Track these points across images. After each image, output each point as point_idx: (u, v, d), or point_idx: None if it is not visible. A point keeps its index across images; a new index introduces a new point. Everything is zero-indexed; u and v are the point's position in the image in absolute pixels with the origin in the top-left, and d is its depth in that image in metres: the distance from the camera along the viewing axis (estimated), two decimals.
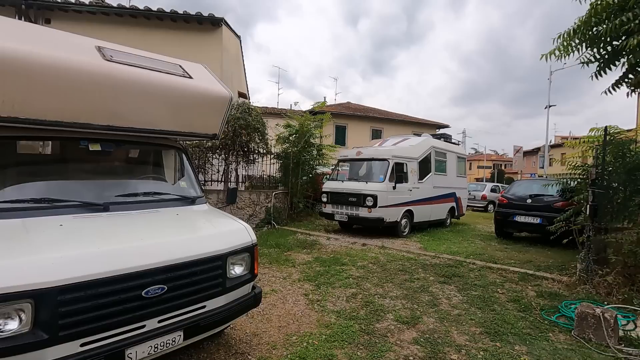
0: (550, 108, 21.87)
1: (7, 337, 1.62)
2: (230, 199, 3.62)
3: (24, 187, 2.39)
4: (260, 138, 8.16)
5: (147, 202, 2.74)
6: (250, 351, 2.89)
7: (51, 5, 9.55)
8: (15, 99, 2.26)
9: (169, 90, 2.88)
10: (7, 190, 2.30)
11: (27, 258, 1.76)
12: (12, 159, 2.53)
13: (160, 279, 2.08)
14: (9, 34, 2.35)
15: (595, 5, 4.01)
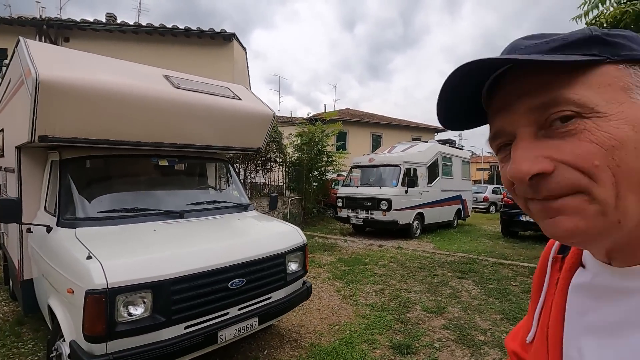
0: None
1: (136, 319, 2.02)
2: (272, 206, 4.03)
3: (117, 198, 2.80)
4: (277, 147, 8.60)
5: (212, 209, 3.14)
6: (301, 339, 3.28)
7: (70, 25, 9.98)
8: (109, 124, 2.68)
9: (225, 111, 3.31)
10: (106, 201, 2.71)
11: (144, 257, 2.17)
12: (105, 175, 2.94)
13: (241, 273, 2.49)
14: (101, 68, 2.79)
15: (591, 24, 4.48)
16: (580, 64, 0.35)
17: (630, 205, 0.34)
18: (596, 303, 0.42)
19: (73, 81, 2.39)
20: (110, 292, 1.88)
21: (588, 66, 0.35)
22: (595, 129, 0.34)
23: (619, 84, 0.35)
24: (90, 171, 2.94)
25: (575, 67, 0.35)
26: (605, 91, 0.35)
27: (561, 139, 0.35)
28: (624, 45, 0.36)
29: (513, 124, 0.39)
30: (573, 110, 0.35)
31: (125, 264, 2.04)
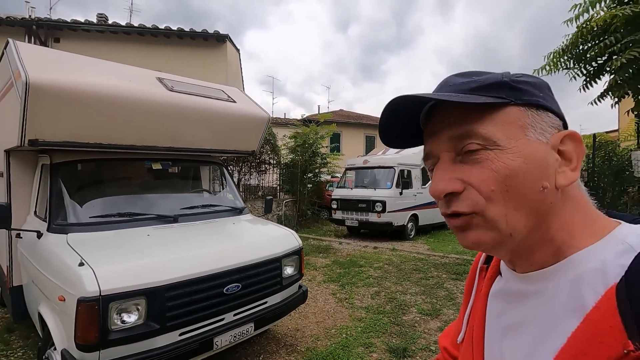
0: None
1: (129, 327, 1.99)
2: (267, 209, 4.00)
3: (109, 203, 2.76)
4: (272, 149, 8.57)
5: (206, 213, 3.11)
6: (297, 343, 3.26)
7: (61, 25, 9.84)
8: (101, 128, 2.64)
9: (219, 114, 3.28)
10: (98, 206, 2.66)
11: (137, 262, 2.13)
12: (97, 179, 2.90)
13: (236, 278, 2.46)
14: (93, 70, 2.74)
15: (582, 28, 4.55)
16: (489, 105, 0.43)
17: (518, 222, 0.42)
18: (508, 306, 0.49)
19: (64, 84, 2.34)
20: (103, 299, 1.84)
21: (496, 106, 0.43)
22: (495, 159, 0.41)
23: (519, 123, 0.42)
24: (82, 175, 2.89)
25: (486, 107, 0.43)
26: (507, 128, 0.42)
27: (471, 165, 0.43)
28: (526, 91, 0.43)
29: (438, 148, 0.46)
30: (480, 143, 0.42)
31: (118, 270, 2.01)
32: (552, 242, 0.43)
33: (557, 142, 0.43)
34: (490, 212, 0.42)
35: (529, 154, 0.41)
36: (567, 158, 0.43)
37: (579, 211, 0.44)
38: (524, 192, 0.41)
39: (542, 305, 0.44)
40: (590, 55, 4.67)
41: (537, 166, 0.41)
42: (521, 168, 0.41)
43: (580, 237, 0.43)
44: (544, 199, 0.42)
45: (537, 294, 0.45)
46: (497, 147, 0.41)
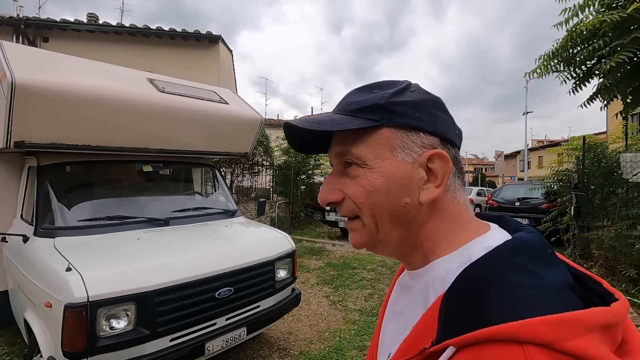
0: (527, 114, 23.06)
1: (118, 333, 1.94)
2: (260, 211, 3.97)
3: (98, 206, 2.71)
4: (265, 151, 8.52)
5: (198, 216, 3.07)
6: (290, 347, 3.23)
7: (49, 24, 9.68)
8: (90, 130, 2.59)
9: (211, 115, 3.24)
10: (87, 209, 2.61)
11: (127, 267, 2.09)
12: (86, 182, 2.84)
13: (228, 282, 2.43)
14: (82, 71, 2.69)
15: (571, 32, 4.61)
16: (368, 126, 0.46)
17: (387, 231, 0.47)
18: (400, 295, 0.56)
19: (51, 85, 2.29)
20: (91, 305, 1.80)
21: (370, 128, 0.46)
22: (363, 177, 0.47)
23: (388, 144, 0.46)
24: (70, 178, 2.83)
25: (362, 129, 0.46)
26: (377, 149, 0.46)
27: (350, 179, 0.48)
28: (400, 113, 0.46)
29: (331, 160, 0.52)
30: (353, 161, 0.47)
31: (107, 275, 1.96)
32: (421, 249, 0.49)
33: (424, 161, 0.46)
34: (364, 219, 0.48)
35: (391, 174, 0.46)
36: (434, 175, 0.46)
37: (447, 222, 0.48)
38: (386, 206, 0.46)
39: (411, 299, 0.51)
40: (580, 58, 4.73)
41: (398, 184, 0.46)
42: (382, 186, 0.46)
43: (443, 246, 0.47)
44: (406, 213, 0.46)
45: (411, 290, 0.52)
46: (366, 166, 0.47)
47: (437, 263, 0.47)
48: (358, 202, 0.47)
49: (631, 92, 4.78)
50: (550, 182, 6.78)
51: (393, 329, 0.54)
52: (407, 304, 0.52)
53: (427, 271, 0.48)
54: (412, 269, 0.51)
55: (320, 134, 0.50)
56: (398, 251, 0.50)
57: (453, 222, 0.48)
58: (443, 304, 0.40)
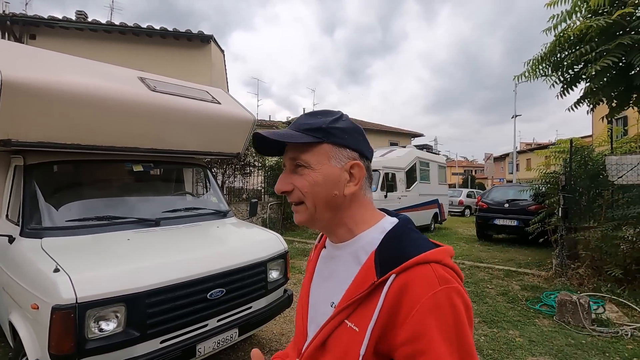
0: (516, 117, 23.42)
1: (107, 335, 1.91)
2: (251, 212, 3.94)
3: (88, 206, 2.66)
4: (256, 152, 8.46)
5: (189, 216, 3.04)
6: (282, 348, 3.21)
7: (37, 21, 9.50)
8: (79, 128, 2.55)
9: (203, 115, 3.22)
10: (75, 209, 2.56)
11: (117, 268, 2.05)
12: (74, 181, 2.78)
13: (220, 283, 2.40)
14: (71, 68, 2.65)
15: (559, 37, 4.71)
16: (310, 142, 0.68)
17: (322, 213, 0.69)
18: (325, 264, 0.77)
19: (40, 82, 2.25)
20: (79, 307, 1.76)
21: (315, 142, 0.68)
22: (308, 174, 0.68)
23: (326, 154, 0.68)
24: (58, 177, 2.77)
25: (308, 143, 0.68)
26: (318, 157, 0.68)
27: (298, 175, 0.69)
28: (335, 135, 0.68)
29: (285, 162, 0.73)
30: (302, 164, 0.68)
31: (96, 277, 1.92)
32: (345, 226, 0.71)
33: (348, 168, 0.69)
34: (307, 204, 0.69)
35: (327, 174, 0.68)
36: (354, 177, 0.69)
37: (362, 209, 0.72)
38: (322, 195, 0.68)
39: (338, 264, 0.72)
40: (567, 63, 4.83)
41: (331, 181, 0.68)
42: (320, 181, 0.68)
43: (362, 224, 0.71)
44: (334, 200, 0.69)
45: (336, 258, 0.74)
46: (311, 168, 0.68)
47: (363, 234, 0.70)
48: (304, 191, 0.69)
49: (616, 97, 4.90)
50: (539, 184, 6.90)
51: (326, 288, 0.74)
52: (336, 268, 0.73)
53: (356, 241, 0.71)
54: (338, 242, 0.73)
55: (279, 143, 0.70)
56: (328, 226, 0.73)
57: (366, 209, 0.72)
58: (377, 256, 0.64)
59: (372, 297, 0.61)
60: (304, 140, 0.67)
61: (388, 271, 0.61)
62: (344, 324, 0.65)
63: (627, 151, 6.33)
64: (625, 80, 4.57)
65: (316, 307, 0.75)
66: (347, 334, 0.63)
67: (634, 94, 4.77)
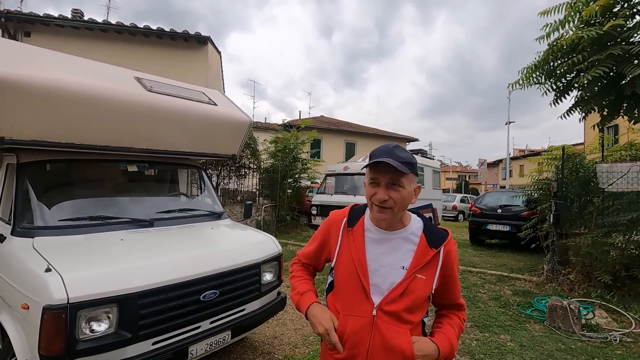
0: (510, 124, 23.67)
1: (99, 336, 1.89)
2: (246, 214, 3.94)
3: (81, 206, 2.64)
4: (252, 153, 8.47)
5: (183, 218, 3.03)
6: (275, 351, 3.20)
7: (32, 19, 9.42)
8: (74, 127, 2.53)
9: (199, 116, 3.21)
10: (68, 208, 2.54)
11: (109, 268, 2.04)
12: (68, 180, 2.76)
13: (214, 285, 2.39)
14: (66, 67, 2.63)
15: (552, 46, 4.79)
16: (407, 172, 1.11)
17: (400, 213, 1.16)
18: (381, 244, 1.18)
19: (34, 80, 2.23)
20: (71, 307, 1.75)
21: (409, 172, 1.12)
22: (401, 191, 1.11)
23: (411, 180, 1.14)
24: (51, 176, 2.74)
25: (406, 172, 1.10)
26: (408, 181, 1.12)
27: (393, 191, 1.10)
28: (415, 168, 1.14)
29: (382, 179, 1.12)
30: (398, 183, 1.10)
31: (88, 277, 1.91)
32: (401, 221, 1.19)
33: (416, 186, 1.17)
34: (395, 209, 1.12)
35: (410, 191, 1.13)
36: (415, 193, 1.17)
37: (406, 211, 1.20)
38: (405, 205, 1.14)
39: (395, 244, 1.17)
40: (560, 71, 4.91)
41: (410, 196, 1.13)
42: (407, 196, 1.12)
43: (407, 219, 1.21)
44: (407, 206, 1.16)
45: (391, 240, 1.18)
46: (402, 187, 1.11)
47: (409, 225, 1.21)
48: (397, 202, 1.11)
49: (607, 105, 4.99)
50: (531, 190, 6.98)
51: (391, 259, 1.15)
52: (394, 247, 1.17)
53: (406, 229, 1.19)
54: (393, 230, 1.19)
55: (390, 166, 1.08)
56: (395, 220, 1.17)
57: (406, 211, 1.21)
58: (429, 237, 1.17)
59: (433, 261, 1.14)
60: (405, 171, 1.09)
61: (439, 245, 1.15)
62: (416, 277, 1.12)
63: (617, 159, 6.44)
64: (615, 89, 4.66)
65: (380, 270, 1.15)
66: (419, 281, 1.12)
67: (624, 104, 4.86)
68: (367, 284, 1.12)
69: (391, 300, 1.09)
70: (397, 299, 1.08)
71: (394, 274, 1.11)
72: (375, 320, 1.09)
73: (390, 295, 1.09)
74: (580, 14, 4.50)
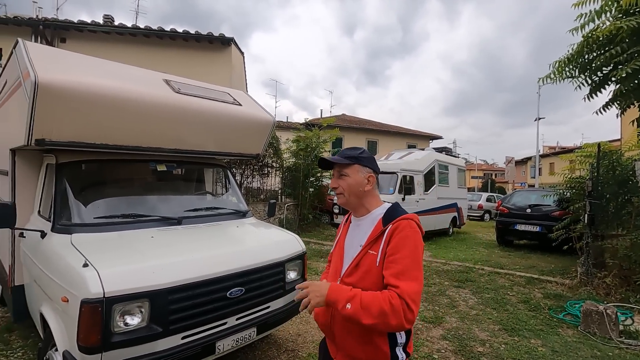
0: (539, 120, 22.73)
1: (132, 329, 1.97)
2: (270, 212, 3.98)
3: (114, 204, 2.75)
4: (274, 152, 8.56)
5: (210, 216, 3.10)
6: (299, 348, 3.23)
7: (67, 25, 9.89)
8: (107, 129, 2.63)
9: (225, 117, 3.27)
10: (102, 207, 2.65)
11: (141, 264, 2.11)
12: (101, 180, 2.89)
13: (240, 282, 2.44)
14: (100, 71, 2.75)
15: (588, 37, 4.55)
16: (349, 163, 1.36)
17: (353, 199, 1.37)
18: (354, 229, 1.43)
19: (72, 84, 2.34)
20: (106, 301, 1.83)
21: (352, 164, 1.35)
22: (347, 179, 1.35)
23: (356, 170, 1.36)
24: (86, 176, 2.88)
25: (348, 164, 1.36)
26: (352, 171, 1.35)
27: (342, 180, 1.37)
28: (362, 159, 1.36)
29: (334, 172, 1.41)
30: (343, 174, 1.36)
31: (122, 272, 1.99)
32: (364, 207, 1.38)
33: (367, 176, 1.35)
34: (345, 194, 1.36)
35: (356, 179, 1.35)
36: (369, 182, 1.35)
37: (374, 199, 1.39)
38: (354, 191, 1.35)
39: (362, 227, 1.37)
40: (596, 64, 4.67)
41: (357, 183, 1.34)
42: (352, 183, 1.34)
43: (373, 206, 1.38)
44: (360, 193, 1.35)
45: (360, 225, 1.38)
46: (347, 176, 1.35)
47: (374, 211, 1.36)
48: (343, 189, 1.36)
49: None
50: (563, 189, 6.68)
51: (355, 239, 1.37)
52: (360, 228, 1.37)
53: (370, 214, 1.36)
54: (360, 216, 1.39)
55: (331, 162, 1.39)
56: (355, 207, 1.39)
57: (375, 199, 1.39)
58: (383, 219, 1.30)
59: (381, 237, 1.26)
60: (346, 162, 1.35)
61: (388, 223, 1.27)
62: (367, 252, 1.28)
63: None
64: None
65: (349, 250, 1.38)
66: (370, 256, 1.27)
67: None
68: (340, 262, 1.39)
69: (348, 273, 1.32)
70: (352, 272, 1.31)
71: (355, 251, 1.33)
72: None
73: (348, 268, 1.33)
74: (619, 3, 4.26)
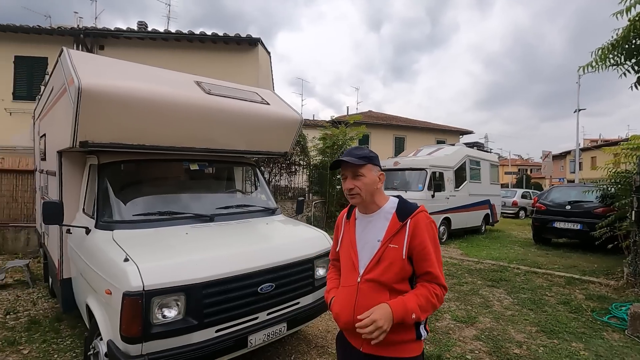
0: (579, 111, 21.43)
1: (169, 322, 2.05)
2: (298, 210, 4.02)
3: (150, 202, 2.88)
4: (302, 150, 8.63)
5: (241, 213, 3.18)
6: (328, 345, 3.25)
7: (105, 33, 10.44)
8: (144, 130, 2.76)
9: (254, 116, 3.33)
10: (140, 205, 2.79)
11: (177, 260, 2.20)
12: (139, 179, 3.04)
13: (270, 278, 2.48)
14: (137, 75, 2.88)
15: (635, 21, 4.23)
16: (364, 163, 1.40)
17: (367, 198, 1.41)
18: (363, 225, 1.47)
19: (112, 89, 2.47)
20: (146, 294, 1.92)
21: (364, 164, 1.39)
22: (363, 179, 1.39)
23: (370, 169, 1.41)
24: (125, 175, 3.03)
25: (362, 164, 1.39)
26: (366, 171, 1.40)
27: (357, 180, 1.40)
28: (372, 159, 1.43)
29: (347, 173, 1.42)
30: (358, 174, 1.40)
31: (160, 267, 2.08)
32: (375, 204, 1.44)
33: (378, 174, 1.43)
34: (362, 194, 1.39)
35: (371, 178, 1.40)
36: (380, 180, 1.43)
37: (382, 195, 1.46)
38: (370, 190, 1.40)
39: (374, 223, 1.42)
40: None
41: (372, 182, 1.40)
42: (368, 183, 1.39)
43: (383, 201, 1.45)
44: (374, 191, 1.42)
45: (371, 220, 1.44)
46: (363, 176, 1.39)
47: (384, 206, 1.43)
48: (361, 188, 1.38)
49: None
50: (607, 185, 6.27)
51: (369, 235, 1.41)
52: (373, 225, 1.41)
53: (381, 210, 1.43)
54: (370, 212, 1.44)
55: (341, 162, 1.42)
56: (367, 205, 1.43)
57: (382, 194, 1.46)
58: (397, 214, 1.38)
59: (401, 231, 1.33)
60: (360, 163, 1.38)
61: (406, 218, 1.34)
62: (389, 247, 1.33)
63: None
64: None
65: (364, 246, 1.41)
66: (392, 250, 1.33)
67: None
68: (356, 258, 1.42)
69: (370, 269, 1.36)
70: (374, 267, 1.35)
71: (374, 247, 1.37)
72: (360, 286, 1.37)
73: (370, 264, 1.36)
74: None
